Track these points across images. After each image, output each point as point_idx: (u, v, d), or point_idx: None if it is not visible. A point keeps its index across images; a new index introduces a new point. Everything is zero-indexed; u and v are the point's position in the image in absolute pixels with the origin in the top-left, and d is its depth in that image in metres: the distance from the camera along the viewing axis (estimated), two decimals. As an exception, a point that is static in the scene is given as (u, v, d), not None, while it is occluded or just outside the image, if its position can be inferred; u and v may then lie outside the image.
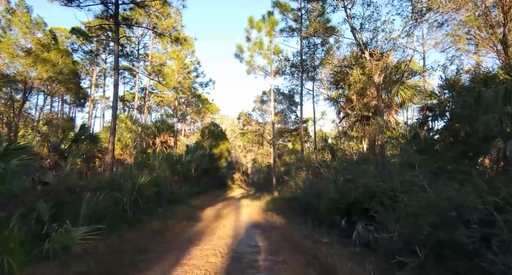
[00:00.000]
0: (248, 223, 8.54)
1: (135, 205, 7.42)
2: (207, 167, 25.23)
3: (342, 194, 5.11)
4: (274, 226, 7.59)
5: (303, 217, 7.61)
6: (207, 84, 20.95)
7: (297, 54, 14.20)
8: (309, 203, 7.31)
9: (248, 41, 16.06)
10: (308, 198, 7.34)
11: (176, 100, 20.89)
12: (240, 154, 36.99)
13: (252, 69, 16.17)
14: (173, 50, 19.20)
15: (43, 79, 15.28)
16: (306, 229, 6.37)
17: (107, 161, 7.64)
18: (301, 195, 7.94)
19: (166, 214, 9.77)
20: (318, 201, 6.37)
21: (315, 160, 11.87)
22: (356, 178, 4.88)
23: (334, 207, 5.22)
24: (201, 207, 13.84)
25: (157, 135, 22.39)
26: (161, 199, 11.30)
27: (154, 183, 11.02)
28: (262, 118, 23.09)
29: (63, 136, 10.42)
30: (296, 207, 8.24)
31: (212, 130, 29.14)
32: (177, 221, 8.93)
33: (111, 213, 6.17)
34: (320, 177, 7.71)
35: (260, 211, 10.93)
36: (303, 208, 7.77)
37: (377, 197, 4.24)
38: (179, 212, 10.94)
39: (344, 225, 4.92)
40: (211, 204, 15.61)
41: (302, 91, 15.03)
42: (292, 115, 22.65)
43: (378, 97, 8.27)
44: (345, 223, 4.90)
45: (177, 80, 18.97)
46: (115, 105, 8.22)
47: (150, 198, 8.34)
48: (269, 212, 9.78)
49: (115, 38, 8.78)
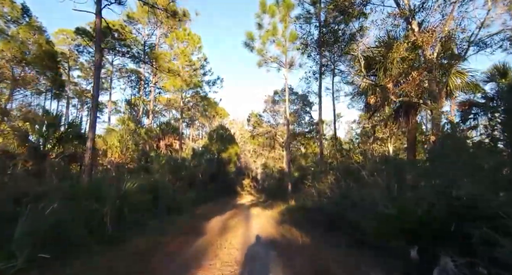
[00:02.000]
0: (260, 240, 6.85)
1: (118, 217, 5.85)
2: (214, 172, 23.69)
3: (403, 209, 3.42)
4: (294, 245, 5.88)
5: (332, 234, 5.88)
6: (214, 83, 19.62)
7: (314, 41, 12.55)
8: (340, 216, 5.59)
9: (259, 28, 14.37)
10: (339, 209, 5.63)
11: (182, 100, 19.55)
12: (250, 159, 35.35)
13: (264, 61, 14.54)
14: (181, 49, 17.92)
15: (6, 59, 13.34)
16: (342, 253, 4.65)
17: (86, 163, 6.17)
18: (328, 205, 6.22)
19: (163, 226, 8.18)
20: (358, 215, 4.66)
21: (340, 160, 10.17)
22: (455, 183, 3.23)
23: (390, 226, 3.54)
24: (207, 216, 12.22)
25: (161, 137, 21.05)
26: (160, 207, 9.74)
27: (151, 188, 9.50)
28: (274, 119, 21.52)
29: (47, 135, 9.02)
30: (321, 220, 6.51)
31: (220, 133, 27.67)
32: (174, 235, 7.32)
33: (76, 229, 4.61)
34: (355, 182, 6.03)
35: (274, 223, 9.22)
36: (331, 222, 6.04)
37: (487, 217, 2.55)
38: (180, 223, 9.35)
39: (415, 256, 3.22)
40: (218, 212, 13.96)
41: (321, 76, 13.15)
42: (306, 116, 20.97)
43: (430, 79, 6.55)
44: (417, 253, 3.20)
45: (182, 78, 17.66)
46: (96, 93, 6.77)
47: (139, 207, 6.77)
48: (286, 225, 8.05)
49: (96, 9, 7.30)
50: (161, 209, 9.74)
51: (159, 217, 8.95)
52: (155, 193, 9.36)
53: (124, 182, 6.22)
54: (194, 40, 18.12)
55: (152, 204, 8.95)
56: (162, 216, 9.53)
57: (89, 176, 6.10)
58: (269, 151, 24.52)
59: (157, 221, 8.55)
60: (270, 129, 21.78)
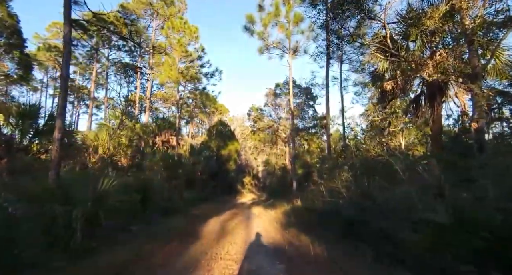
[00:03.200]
0: (263, 248, 5.83)
1: (92, 222, 4.82)
2: (214, 170, 22.69)
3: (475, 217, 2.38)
4: (306, 256, 4.84)
5: (351, 243, 4.84)
6: (213, 75, 18.54)
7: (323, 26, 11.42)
8: (362, 221, 4.55)
9: (260, 10, 13.17)
10: (360, 212, 4.59)
11: (178, 93, 18.49)
12: (251, 157, 34.36)
13: (266, 47, 13.38)
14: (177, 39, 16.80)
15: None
16: (371, 271, 3.62)
17: (53, 157, 5.11)
18: (346, 207, 5.18)
19: (151, 231, 7.17)
20: (389, 222, 3.62)
21: (354, 154, 9.14)
22: None
23: (445, 241, 2.51)
24: (204, 217, 11.22)
25: (157, 133, 20.03)
26: (150, 209, 8.72)
27: (140, 188, 8.48)
28: (275, 113, 20.40)
29: (23, 128, 8.01)
30: (336, 225, 5.47)
31: (219, 129, 26.64)
32: (163, 242, 6.30)
33: (32, 240, 3.60)
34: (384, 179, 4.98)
35: (278, 226, 8.20)
36: (349, 227, 4.99)
37: None
38: (173, 227, 8.34)
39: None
40: (217, 213, 12.96)
41: (328, 57, 11.91)
42: (309, 110, 19.86)
43: (471, 53, 5.48)
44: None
45: (178, 70, 16.59)
46: (64, 74, 5.70)
47: (123, 209, 5.75)
48: (292, 229, 7.03)
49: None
50: (152, 211, 8.73)
51: (148, 220, 7.94)
52: (145, 193, 8.33)
53: (102, 181, 5.17)
54: (191, 30, 17.04)
55: (141, 205, 7.92)
56: (153, 219, 8.53)
57: (56, 173, 5.08)
58: (270, 147, 23.45)
59: (145, 225, 7.54)
60: (272, 123, 20.68)
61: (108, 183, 5.18)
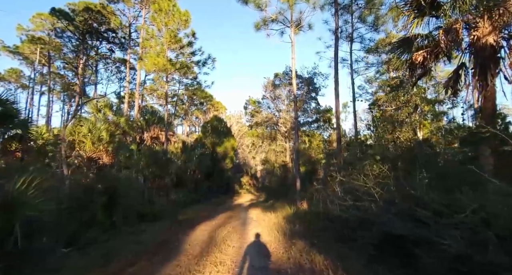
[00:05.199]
0: (261, 273, 4.14)
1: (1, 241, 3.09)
2: (208, 169, 20.93)
3: None
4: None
5: (393, 269, 3.13)
6: (205, 63, 16.70)
7: None
8: (417, 240, 2.84)
9: None
10: (414, 226, 2.89)
11: (167, 83, 16.71)
12: (249, 155, 32.67)
13: (263, 22, 11.55)
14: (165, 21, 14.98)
15: None
16: None
17: None
18: (385, 216, 3.45)
19: (114, 246, 5.43)
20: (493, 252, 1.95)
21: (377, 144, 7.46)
22: None
23: None
24: (192, 223, 9.49)
25: (146, 129, 18.23)
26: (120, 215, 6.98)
27: (106, 189, 6.75)
28: (274, 105, 18.61)
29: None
30: (366, 240, 3.76)
31: (215, 125, 24.85)
32: (124, 263, 4.59)
33: None
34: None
35: (281, 236, 6.45)
36: (390, 244, 3.29)
37: None
38: (146, 238, 6.59)
39: None
40: (209, 216, 11.22)
41: (337, 34, 10.08)
42: (312, 103, 18.13)
43: None
44: None
45: (167, 58, 14.83)
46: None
47: (46, 223, 3.99)
48: (299, 242, 5.30)
49: None
50: (123, 218, 6.97)
51: (113, 231, 6.19)
52: (111, 196, 6.59)
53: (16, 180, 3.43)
54: (181, 13, 15.31)
55: (103, 212, 6.18)
56: (123, 228, 6.78)
57: None
58: (269, 143, 21.71)
59: (106, 236, 5.78)
60: (271, 116, 18.92)
61: (21, 183, 3.42)
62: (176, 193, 15.32)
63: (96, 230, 5.85)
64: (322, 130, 20.19)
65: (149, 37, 16.12)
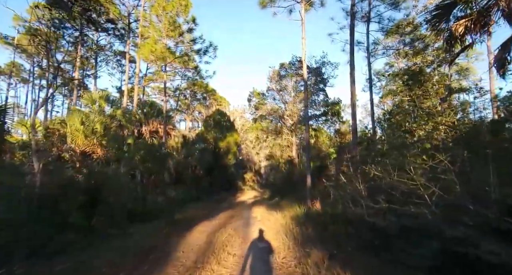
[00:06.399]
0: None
1: None
2: (210, 165, 19.98)
3: None
4: None
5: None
6: (206, 51, 15.60)
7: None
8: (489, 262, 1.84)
9: None
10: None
11: (165, 73, 15.72)
12: (252, 151, 31.70)
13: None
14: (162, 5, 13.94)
15: None
16: None
17: None
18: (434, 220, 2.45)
19: (85, 255, 4.49)
20: None
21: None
22: None
23: None
24: (189, 223, 8.56)
25: (144, 122, 17.33)
26: (106, 215, 6.07)
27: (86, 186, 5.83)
28: (280, 97, 17.48)
29: None
30: (406, 252, 2.76)
31: (217, 119, 23.87)
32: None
33: None
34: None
35: (290, 242, 5.47)
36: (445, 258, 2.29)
37: None
38: (133, 241, 5.66)
39: None
40: (209, 215, 10.30)
41: (354, 11, 8.79)
42: (320, 94, 17.04)
43: None
44: None
45: (165, 46, 13.84)
46: None
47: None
48: (314, 251, 4.33)
49: None
50: (108, 219, 6.06)
51: (93, 233, 5.26)
52: (95, 194, 5.66)
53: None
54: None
55: (84, 213, 5.26)
56: (108, 229, 5.86)
57: None
58: (274, 137, 20.67)
59: (86, 242, 4.85)
60: (277, 107, 17.85)
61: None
62: (175, 190, 14.46)
63: (73, 235, 4.93)
64: (330, 124, 19.10)
65: (147, 24, 15.13)
